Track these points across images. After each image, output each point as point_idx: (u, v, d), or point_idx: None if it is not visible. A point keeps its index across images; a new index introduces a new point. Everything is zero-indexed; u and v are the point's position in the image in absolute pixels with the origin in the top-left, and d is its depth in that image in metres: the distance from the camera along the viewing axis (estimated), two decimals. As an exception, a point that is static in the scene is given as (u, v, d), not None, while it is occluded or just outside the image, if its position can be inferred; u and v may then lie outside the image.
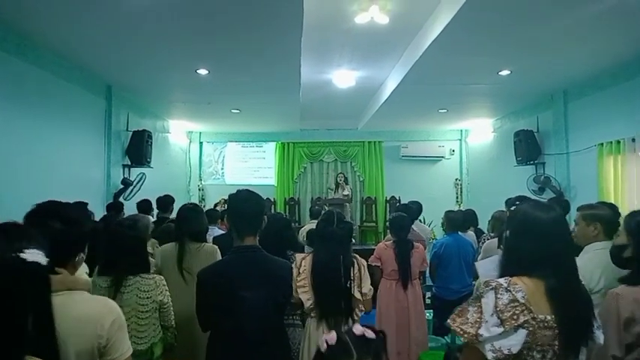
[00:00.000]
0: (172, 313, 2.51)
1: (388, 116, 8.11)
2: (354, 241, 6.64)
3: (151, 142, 6.78)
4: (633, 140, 4.94)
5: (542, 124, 6.84)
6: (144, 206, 5.64)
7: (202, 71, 5.34)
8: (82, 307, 1.48)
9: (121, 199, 6.03)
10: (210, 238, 3.89)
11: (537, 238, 1.54)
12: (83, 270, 2.26)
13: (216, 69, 5.31)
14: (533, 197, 5.58)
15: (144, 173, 6.53)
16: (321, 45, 5.44)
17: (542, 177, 6.44)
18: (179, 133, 9.16)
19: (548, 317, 1.45)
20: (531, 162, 6.81)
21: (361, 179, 10.00)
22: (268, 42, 4.40)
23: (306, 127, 9.57)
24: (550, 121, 6.59)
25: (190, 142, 9.85)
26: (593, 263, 2.32)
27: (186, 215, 3.12)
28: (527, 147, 6.76)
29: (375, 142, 9.95)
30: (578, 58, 4.90)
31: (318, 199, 9.30)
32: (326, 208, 6.95)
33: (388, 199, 9.67)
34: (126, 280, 2.28)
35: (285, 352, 2.19)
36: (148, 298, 2.33)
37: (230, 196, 2.18)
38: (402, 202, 7.78)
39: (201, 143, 10.11)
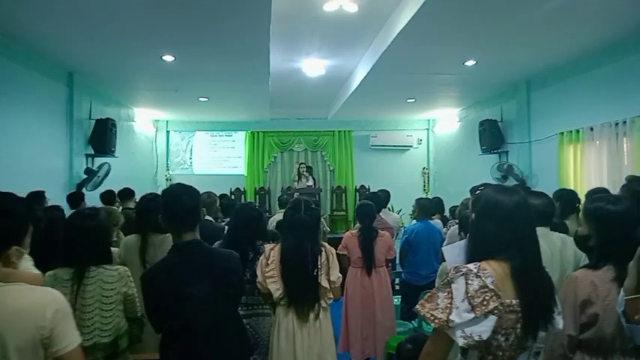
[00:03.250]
0: (138, 304, 2.46)
1: (358, 106, 8.14)
2: (328, 229, 6.71)
3: (116, 131, 6.60)
4: (592, 129, 5.14)
5: (505, 114, 7.03)
6: (107, 197, 5.50)
7: (168, 58, 5.21)
8: (20, 298, 1.42)
9: (84, 189, 5.85)
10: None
11: (501, 221, 1.55)
12: (29, 263, 2.19)
13: (182, 55, 5.19)
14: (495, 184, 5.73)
15: (108, 163, 6.35)
16: (290, 33, 5.39)
17: (506, 165, 6.63)
18: (145, 122, 8.93)
19: (514, 301, 1.48)
20: (495, 151, 7.00)
21: (331, 168, 10.03)
22: (236, 28, 4.33)
23: (276, 117, 9.50)
24: (513, 110, 6.77)
25: (157, 130, 9.63)
26: None
27: (147, 206, 3.03)
28: (492, 136, 6.93)
29: (345, 131, 9.98)
30: (541, 49, 5.05)
31: (288, 188, 9.28)
32: (299, 196, 6.94)
33: (358, 188, 9.75)
34: (88, 272, 2.22)
35: (242, 342, 2.16)
36: (112, 289, 2.27)
37: (162, 192, 2.11)
38: (371, 191, 7.86)
39: (168, 132, 9.88)
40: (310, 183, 8.91)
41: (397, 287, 5.10)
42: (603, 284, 1.79)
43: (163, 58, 5.20)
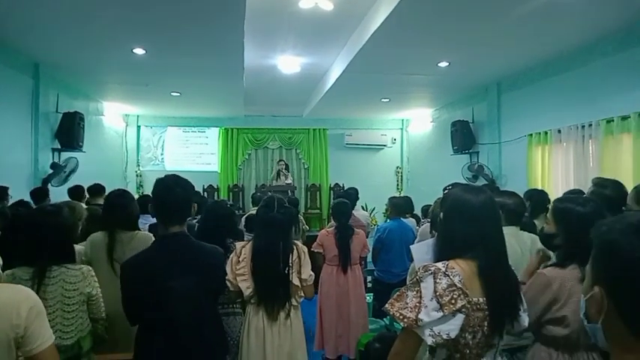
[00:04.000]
0: (102, 305, 2.39)
1: (333, 104, 8.15)
2: (307, 227, 6.69)
3: (84, 125, 6.40)
4: (559, 131, 5.29)
5: (477, 115, 7.16)
6: (76, 193, 5.33)
7: (139, 51, 5.08)
8: None
9: (50, 185, 5.65)
10: (145, 226, 3.74)
11: (468, 220, 1.57)
12: None
13: (154, 49, 5.08)
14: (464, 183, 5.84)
15: (76, 158, 6.16)
16: (265, 29, 5.34)
17: (476, 165, 6.75)
18: (114, 116, 8.69)
19: (481, 299, 1.49)
20: (466, 151, 7.12)
21: (306, 166, 10.01)
22: (210, 23, 4.25)
23: (251, 113, 9.42)
24: (484, 112, 6.90)
25: (127, 125, 9.39)
26: None
27: (115, 202, 2.95)
28: (463, 137, 7.06)
29: (319, 129, 9.97)
30: (512, 52, 5.16)
31: (262, 185, 9.22)
32: (273, 194, 6.90)
33: (332, 186, 9.76)
34: (49, 272, 2.13)
35: (220, 339, 2.15)
36: (74, 290, 2.20)
37: (156, 181, 2.07)
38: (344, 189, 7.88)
39: (138, 127, 9.65)
40: (289, 181, 8.88)
41: (369, 285, 5.14)
42: (570, 282, 1.82)
43: (134, 51, 5.07)
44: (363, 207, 6.58)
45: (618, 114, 4.41)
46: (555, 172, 5.43)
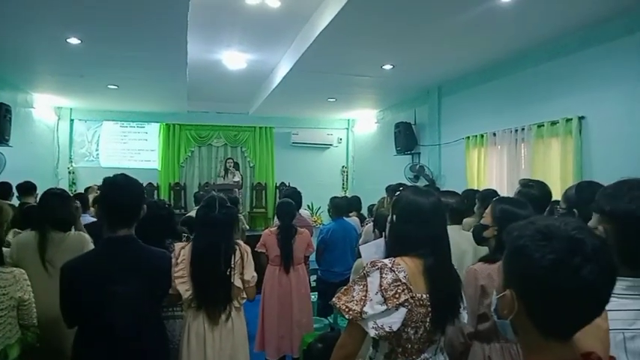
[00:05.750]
0: (34, 310, 2.24)
1: (279, 102, 8.10)
2: (247, 227, 6.60)
3: (11, 118, 5.94)
4: (494, 135, 5.57)
5: (419, 117, 7.39)
6: (2, 191, 4.94)
7: (74, 41, 4.78)
8: None
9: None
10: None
11: (419, 221, 1.64)
12: None
13: (90, 39, 4.79)
14: (410, 184, 6.03)
15: (2, 153, 5.72)
16: (210, 23, 5.20)
17: (418, 166, 6.99)
18: (45, 109, 8.13)
19: (424, 296, 1.55)
20: (409, 152, 7.34)
21: (251, 165, 9.88)
22: (150, 13, 4.07)
23: (194, 109, 9.15)
24: (426, 114, 7.14)
25: (59, 119, 8.81)
26: None
27: (51, 201, 2.79)
28: (406, 138, 7.26)
29: (266, 127, 9.88)
30: (452, 57, 5.38)
31: (206, 184, 8.99)
32: (214, 193, 6.75)
33: (278, 185, 9.71)
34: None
35: (161, 345, 2.08)
36: (4, 294, 2.05)
37: (105, 180, 1.97)
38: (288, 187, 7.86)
39: (72, 121, 9.08)
40: (238, 178, 8.71)
41: (314, 284, 5.17)
42: (498, 277, 1.93)
43: (68, 40, 4.76)
44: (308, 206, 6.60)
45: (548, 119, 4.71)
46: (490, 172, 5.72)
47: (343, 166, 10.40)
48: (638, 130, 3.84)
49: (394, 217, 1.72)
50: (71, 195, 3.22)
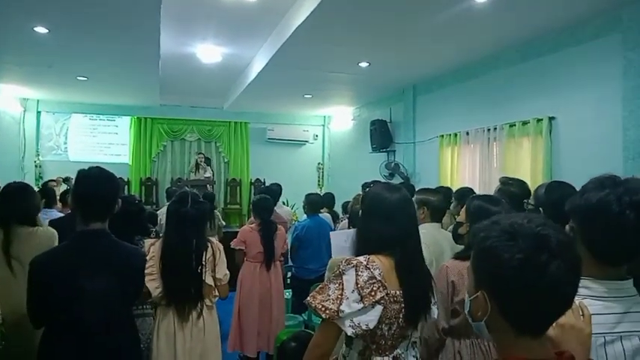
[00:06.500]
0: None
1: (255, 97, 8.02)
2: (224, 223, 6.51)
3: (-28, 108, 5.70)
4: (467, 134, 5.67)
5: (394, 115, 7.45)
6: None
7: (41, 29, 4.60)
8: None
9: None
10: (46, 222, 3.43)
11: (384, 217, 1.63)
12: None
13: (58, 28, 4.62)
14: (384, 181, 6.08)
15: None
16: (184, 15, 5.09)
17: (393, 163, 7.04)
18: (10, 100, 7.84)
19: (398, 292, 1.56)
20: (384, 149, 7.39)
21: (226, 160, 9.77)
22: (122, 4, 3.96)
23: (167, 103, 8.96)
24: (401, 112, 7.21)
25: (25, 110, 8.49)
26: None
27: (13, 195, 2.68)
28: (381, 135, 7.31)
29: (241, 122, 9.77)
30: (427, 57, 5.44)
31: (178, 179, 8.84)
32: (186, 189, 6.63)
33: (253, 181, 9.63)
34: None
35: (132, 343, 2.02)
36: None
37: (79, 172, 1.92)
38: (266, 185, 7.81)
39: (38, 113, 8.76)
40: (209, 174, 8.58)
41: (288, 281, 5.15)
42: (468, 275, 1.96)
43: (35, 29, 4.58)
44: (284, 202, 6.57)
45: (519, 119, 4.82)
46: (463, 170, 5.82)
47: (319, 163, 10.39)
48: (607, 131, 3.97)
49: (360, 212, 1.73)
50: (35, 189, 3.10)
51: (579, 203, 1.19)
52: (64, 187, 6.58)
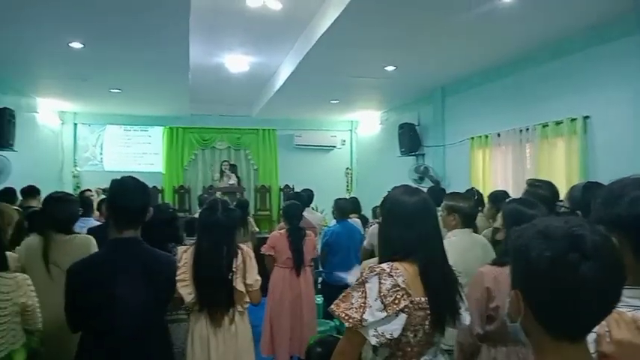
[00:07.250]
0: (39, 315, 2.24)
1: (282, 105, 8.09)
2: (257, 229, 6.60)
3: (15, 122, 5.97)
4: (498, 135, 5.54)
5: (422, 118, 7.37)
6: (6, 195, 4.95)
7: (76, 45, 4.79)
8: None
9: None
10: (84, 230, 3.56)
11: (404, 222, 1.61)
12: None
13: (92, 43, 4.80)
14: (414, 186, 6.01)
15: (6, 157, 5.75)
16: (212, 26, 5.21)
17: (422, 167, 6.96)
18: (49, 113, 8.17)
19: (422, 299, 1.53)
20: (413, 153, 7.31)
21: (255, 167, 9.88)
22: (152, 16, 4.07)
23: (197, 112, 9.15)
24: (430, 115, 7.12)
25: (63, 123, 8.85)
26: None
27: (53, 204, 2.80)
28: (410, 139, 7.24)
29: (269, 130, 9.87)
30: (455, 58, 5.36)
31: (209, 187, 9.00)
32: (217, 196, 6.74)
33: (282, 187, 9.70)
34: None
35: (165, 350, 2.06)
36: (7, 300, 2.04)
37: (112, 182, 1.99)
38: (295, 191, 7.84)
39: (75, 125, 9.11)
40: (233, 181, 8.70)
41: (319, 286, 5.14)
42: (505, 279, 1.91)
43: (71, 45, 4.78)
44: (313, 208, 6.59)
45: (553, 119, 4.68)
46: (495, 173, 5.70)
47: (347, 168, 10.37)
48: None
49: (381, 218, 1.71)
50: (75, 198, 3.22)
51: (624, 213, 1.09)
52: (103, 196, 6.79)
